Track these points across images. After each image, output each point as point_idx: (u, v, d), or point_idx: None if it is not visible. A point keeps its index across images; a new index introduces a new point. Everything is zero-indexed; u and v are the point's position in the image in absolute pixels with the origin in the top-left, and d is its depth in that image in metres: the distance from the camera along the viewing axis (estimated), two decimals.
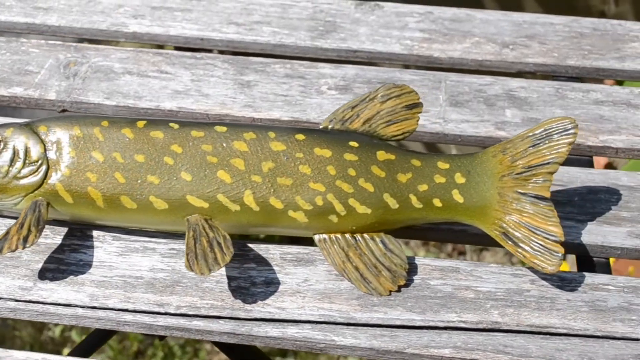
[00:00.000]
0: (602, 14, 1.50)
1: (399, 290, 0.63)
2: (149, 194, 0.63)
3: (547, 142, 0.63)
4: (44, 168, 0.64)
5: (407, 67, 1.06)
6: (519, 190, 0.63)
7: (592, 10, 1.49)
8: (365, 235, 0.64)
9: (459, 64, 0.84)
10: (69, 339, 1.38)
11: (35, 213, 0.63)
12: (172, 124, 0.65)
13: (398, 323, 0.61)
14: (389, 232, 0.65)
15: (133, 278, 0.64)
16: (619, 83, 1.18)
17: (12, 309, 0.62)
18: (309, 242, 0.65)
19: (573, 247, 0.67)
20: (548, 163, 0.63)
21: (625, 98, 0.79)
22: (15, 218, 0.67)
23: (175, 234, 0.66)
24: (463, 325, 0.61)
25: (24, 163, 0.64)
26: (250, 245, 0.66)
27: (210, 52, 0.96)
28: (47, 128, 0.65)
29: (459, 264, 0.65)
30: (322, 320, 0.61)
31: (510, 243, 0.63)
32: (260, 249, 0.66)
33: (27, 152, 0.64)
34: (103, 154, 0.64)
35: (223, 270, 0.64)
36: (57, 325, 1.37)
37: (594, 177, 0.72)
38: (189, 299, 0.62)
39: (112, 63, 0.81)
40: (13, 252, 0.61)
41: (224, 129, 0.64)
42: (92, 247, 0.65)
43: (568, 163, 0.75)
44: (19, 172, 0.64)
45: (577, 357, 0.60)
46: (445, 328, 0.61)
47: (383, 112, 0.66)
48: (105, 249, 0.65)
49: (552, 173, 0.63)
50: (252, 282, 0.63)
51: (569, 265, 1.26)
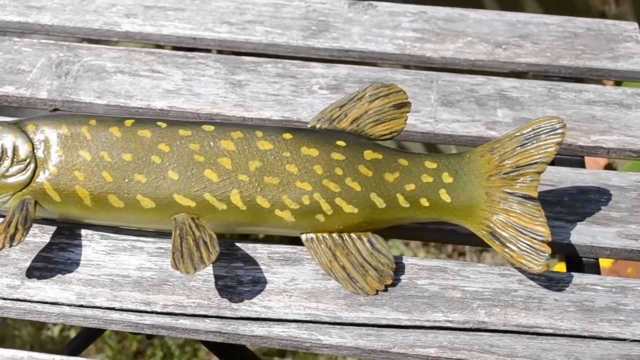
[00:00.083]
0: (602, 15, 1.50)
1: (386, 290, 0.63)
2: (136, 193, 0.63)
3: (535, 141, 0.63)
4: (32, 167, 0.64)
5: (400, 67, 1.06)
6: (507, 190, 0.63)
7: (592, 11, 1.49)
8: (353, 235, 0.64)
9: (452, 64, 0.83)
10: (68, 339, 1.38)
11: (23, 212, 0.63)
12: (159, 123, 0.65)
13: (384, 322, 0.61)
14: (377, 231, 0.65)
15: (120, 277, 0.64)
16: (618, 83, 1.18)
17: None
18: (297, 241, 0.65)
19: (562, 247, 0.67)
20: (536, 163, 0.63)
21: (618, 98, 0.79)
22: (3, 216, 0.67)
23: (164, 233, 0.66)
24: (449, 325, 0.61)
25: (12, 162, 0.64)
26: (238, 244, 0.66)
27: (207, 51, 0.96)
28: (35, 127, 0.65)
29: (447, 264, 0.65)
30: (308, 320, 0.61)
31: (498, 243, 0.63)
32: (248, 248, 0.66)
33: (15, 150, 0.64)
34: (91, 153, 0.64)
35: (210, 269, 0.64)
36: (55, 325, 1.37)
37: (585, 177, 0.72)
38: (176, 298, 0.62)
39: (104, 62, 0.81)
40: (0, 250, 0.61)
41: (212, 128, 0.64)
42: (80, 245, 0.66)
43: (559, 163, 0.75)
44: (7, 170, 0.64)
45: (563, 357, 0.59)
46: (432, 328, 0.61)
47: (371, 111, 0.66)
48: (94, 248, 0.65)
49: (539, 173, 0.63)
50: (239, 281, 0.63)
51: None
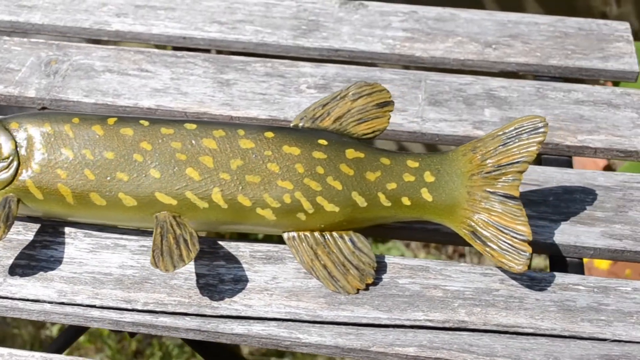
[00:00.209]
0: (603, 15, 1.50)
1: (367, 289, 0.63)
2: (118, 191, 0.63)
3: (517, 141, 0.63)
4: (15, 164, 0.64)
5: (390, 66, 1.05)
6: (488, 189, 0.63)
7: (593, 12, 1.49)
8: (334, 234, 0.64)
9: (441, 64, 0.83)
10: None
11: (5, 209, 0.63)
12: (142, 121, 0.65)
13: (364, 321, 0.61)
14: (359, 230, 0.65)
15: (102, 274, 0.64)
16: (615, 84, 1.17)
17: None
18: (281, 240, 0.65)
19: (545, 247, 0.66)
20: (518, 162, 0.63)
21: (607, 98, 0.79)
22: None
23: (147, 231, 0.67)
24: (429, 324, 0.61)
25: None
26: (221, 243, 0.66)
27: (203, 51, 0.96)
28: (18, 125, 0.65)
29: (429, 263, 0.65)
30: (288, 318, 0.61)
31: (479, 242, 0.62)
32: (231, 247, 0.66)
33: None
34: (73, 151, 0.64)
35: (192, 268, 0.64)
36: (54, 325, 1.37)
37: (571, 177, 0.71)
38: (157, 296, 0.62)
39: (93, 61, 0.81)
40: None
41: (194, 127, 0.64)
42: (63, 243, 0.66)
43: (546, 163, 0.74)
44: None
45: (542, 356, 0.59)
46: (412, 327, 0.61)
47: (354, 110, 0.66)
48: (76, 246, 0.66)
49: (521, 172, 0.63)
50: (220, 279, 0.63)
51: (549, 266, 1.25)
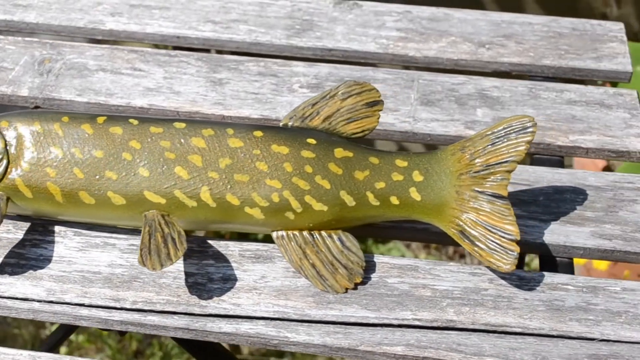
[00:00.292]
0: (604, 16, 1.49)
1: (356, 288, 0.63)
2: (107, 190, 0.63)
3: (505, 140, 0.63)
4: (5, 163, 0.64)
5: (383, 65, 1.05)
6: (477, 189, 0.63)
7: (594, 12, 1.49)
8: (323, 233, 0.64)
9: (434, 63, 0.83)
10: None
11: None
12: (131, 120, 0.65)
13: (352, 320, 0.61)
14: (348, 229, 0.65)
15: (91, 273, 0.64)
16: (614, 85, 1.17)
17: None
18: (270, 239, 0.65)
19: (535, 246, 0.66)
20: (506, 161, 0.63)
21: (599, 98, 0.79)
22: None
23: (137, 230, 0.67)
24: (417, 324, 0.61)
25: None
26: (210, 242, 0.66)
27: (202, 51, 0.96)
28: (8, 123, 0.65)
29: (418, 263, 0.65)
30: (276, 317, 0.61)
31: (467, 241, 0.62)
32: (220, 246, 0.66)
33: None
34: (62, 150, 0.64)
35: (181, 266, 0.64)
36: (53, 324, 1.37)
37: (561, 177, 0.71)
38: (146, 295, 0.62)
39: (86, 60, 0.81)
40: None
41: (183, 125, 0.64)
42: (53, 242, 0.66)
43: (538, 163, 0.74)
44: None
45: (530, 356, 0.59)
46: (400, 326, 0.61)
47: (343, 109, 0.66)
48: (66, 244, 0.66)
49: (510, 171, 0.63)
50: (209, 278, 0.64)
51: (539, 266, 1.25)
